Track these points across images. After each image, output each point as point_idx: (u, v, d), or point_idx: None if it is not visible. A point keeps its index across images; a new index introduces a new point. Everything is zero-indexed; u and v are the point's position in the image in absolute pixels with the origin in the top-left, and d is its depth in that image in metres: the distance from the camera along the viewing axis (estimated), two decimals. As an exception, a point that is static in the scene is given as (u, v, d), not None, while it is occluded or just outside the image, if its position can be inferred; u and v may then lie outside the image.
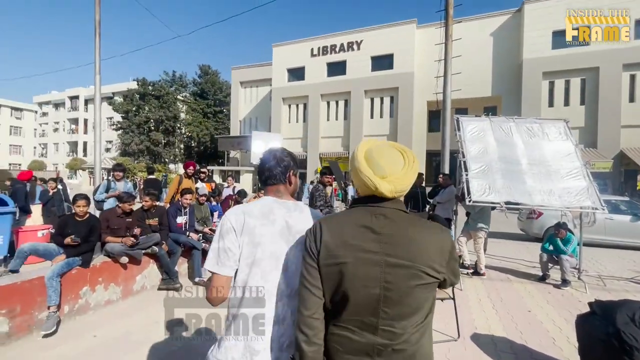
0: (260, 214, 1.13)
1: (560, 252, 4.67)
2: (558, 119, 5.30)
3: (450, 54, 8.08)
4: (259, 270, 1.09)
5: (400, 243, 0.93)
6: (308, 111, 23.56)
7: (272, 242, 1.11)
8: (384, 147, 1.03)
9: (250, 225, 1.10)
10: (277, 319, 1.11)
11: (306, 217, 1.18)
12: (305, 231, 1.05)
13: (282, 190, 1.22)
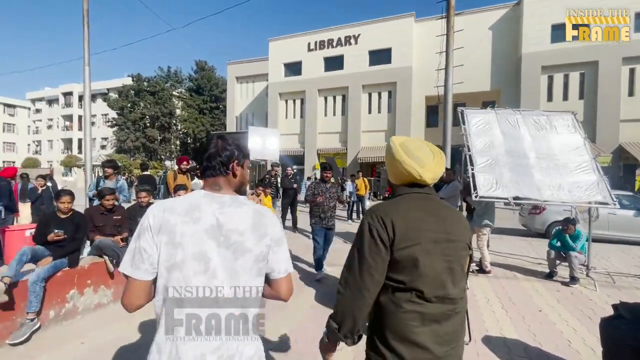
0: (184, 210, 0.99)
1: (569, 249, 4.52)
2: (566, 112, 5.13)
3: (451, 45, 7.89)
4: (180, 275, 0.94)
5: (451, 222, 1.12)
6: (305, 107, 23.27)
7: (196, 242, 0.96)
8: (416, 142, 1.20)
9: (170, 223, 0.96)
10: (208, 330, 0.97)
11: (244, 214, 1.03)
12: (364, 222, 1.09)
13: (221, 183, 1.09)
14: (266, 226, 1.05)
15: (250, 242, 1.01)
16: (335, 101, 22.93)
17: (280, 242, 1.08)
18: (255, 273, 1.02)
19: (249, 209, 1.06)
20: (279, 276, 1.09)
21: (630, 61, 17.05)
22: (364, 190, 11.25)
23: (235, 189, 1.13)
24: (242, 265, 0.99)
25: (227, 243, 0.98)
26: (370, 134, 21.56)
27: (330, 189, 4.69)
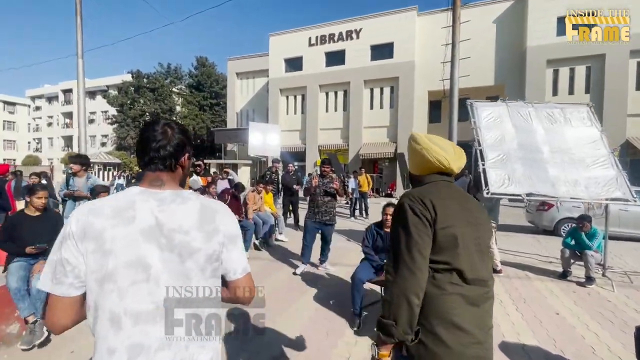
0: (113, 211, 0.84)
1: (585, 248, 4.31)
2: (581, 104, 4.90)
3: (458, 37, 7.64)
4: (115, 287, 0.80)
5: (475, 207, 1.20)
6: (306, 102, 23.01)
7: (130, 246, 0.82)
8: (436, 135, 1.29)
9: (97, 227, 0.81)
10: (160, 345, 0.82)
11: (189, 210, 0.90)
12: (403, 205, 1.12)
13: (164, 178, 0.94)
14: (216, 222, 0.92)
15: (198, 241, 0.88)
16: (337, 97, 22.65)
17: (235, 239, 0.96)
18: (209, 275, 0.90)
19: (195, 204, 0.91)
20: (235, 277, 0.97)
21: (638, 54, 16.71)
22: (367, 186, 11.05)
23: (180, 184, 0.98)
24: (191, 267, 0.86)
25: (170, 245, 0.84)
26: (372, 129, 21.30)
27: (328, 184, 4.51)
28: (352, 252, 5.84)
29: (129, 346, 0.79)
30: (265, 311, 3.01)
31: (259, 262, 5.10)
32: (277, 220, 6.57)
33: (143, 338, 0.81)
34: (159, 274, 0.83)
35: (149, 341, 0.81)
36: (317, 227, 4.58)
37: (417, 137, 1.26)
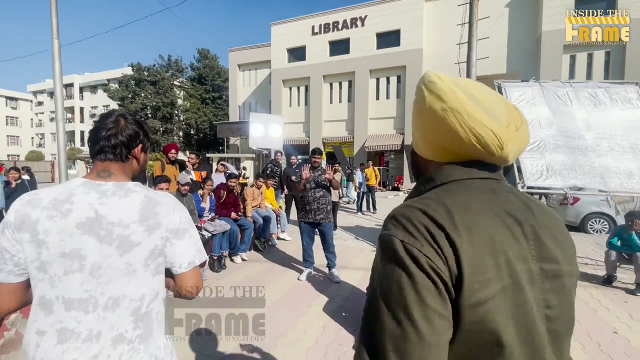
0: (51, 203, 0.83)
1: (636, 249, 3.71)
2: (629, 82, 4.24)
3: (476, 15, 6.93)
4: (47, 276, 0.81)
5: (549, 231, 0.57)
6: (310, 93, 22.33)
7: (65, 239, 0.81)
8: (482, 85, 0.63)
9: (33, 218, 0.82)
10: (89, 335, 0.82)
11: (131, 203, 0.86)
12: (391, 241, 0.52)
13: (114, 169, 0.91)
14: (159, 216, 0.89)
15: (138, 235, 0.86)
16: (341, 87, 21.94)
17: (179, 233, 0.92)
18: (152, 271, 0.88)
19: (138, 197, 0.89)
20: (180, 271, 0.93)
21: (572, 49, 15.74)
22: (374, 180, 10.47)
23: (133, 177, 0.97)
24: (130, 262, 0.85)
25: (109, 238, 0.84)
26: (378, 121, 20.60)
27: (319, 177, 3.94)
28: (363, 252, 5.30)
29: (59, 329, 0.81)
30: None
31: (260, 266, 4.57)
32: (279, 217, 6.02)
33: (74, 324, 0.82)
34: (94, 265, 0.83)
35: (79, 328, 0.82)
36: (312, 227, 4.03)
37: (437, 84, 0.59)
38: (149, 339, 0.88)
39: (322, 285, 3.85)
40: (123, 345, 0.84)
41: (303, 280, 3.95)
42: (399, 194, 16.12)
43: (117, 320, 0.84)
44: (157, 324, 0.91)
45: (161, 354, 0.91)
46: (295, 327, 2.86)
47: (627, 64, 16.01)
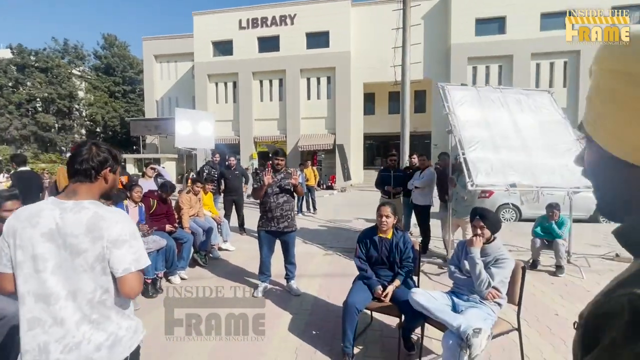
0: (26, 217, 1.11)
1: (556, 237, 4.25)
2: (542, 90, 4.86)
3: (409, 21, 7.30)
4: (22, 273, 1.09)
5: None
6: (239, 90, 21.25)
7: (34, 244, 1.09)
8: None
9: (14, 228, 1.10)
10: (54, 321, 1.07)
11: (81, 218, 1.11)
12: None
13: (81, 190, 1.17)
14: (101, 229, 1.11)
15: (85, 244, 1.10)
16: (272, 85, 21.41)
17: (117, 243, 1.13)
18: (99, 271, 1.12)
19: (88, 213, 1.12)
20: (118, 274, 1.13)
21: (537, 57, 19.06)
22: (314, 180, 10.39)
23: (103, 194, 1.23)
24: (80, 264, 1.10)
25: (64, 245, 1.09)
26: (310, 120, 20.67)
27: (284, 180, 3.63)
28: (316, 257, 5.08)
29: (29, 319, 1.07)
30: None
31: (204, 284, 3.97)
32: (220, 225, 5.41)
33: (41, 314, 1.06)
34: (55, 266, 1.08)
35: (45, 317, 1.06)
36: (273, 237, 3.67)
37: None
38: (107, 322, 1.15)
39: (281, 300, 3.50)
40: (84, 326, 1.10)
41: (259, 297, 3.54)
42: (334, 193, 16.42)
43: (76, 308, 1.09)
44: (114, 311, 1.17)
45: (122, 332, 1.18)
46: (264, 358, 2.48)
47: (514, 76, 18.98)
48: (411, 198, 5.22)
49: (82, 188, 1.17)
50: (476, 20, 19.20)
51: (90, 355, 1.10)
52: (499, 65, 19.67)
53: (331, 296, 3.51)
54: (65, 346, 1.07)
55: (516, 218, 8.57)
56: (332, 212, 9.96)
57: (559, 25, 18.37)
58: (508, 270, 2.19)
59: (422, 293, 2.25)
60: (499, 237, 2.38)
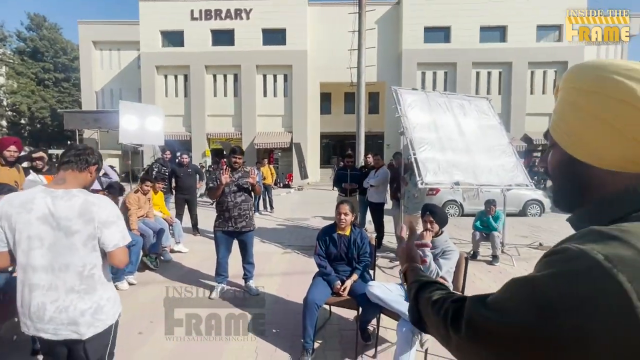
0: (19, 203, 1.33)
1: (493, 230, 4.73)
2: (482, 97, 5.36)
3: (364, 25, 7.56)
4: (20, 250, 1.33)
5: None
6: (190, 84, 20.22)
7: (29, 226, 1.31)
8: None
9: (8, 213, 1.32)
10: (49, 286, 1.34)
11: (73, 205, 1.34)
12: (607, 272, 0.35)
13: (68, 177, 1.41)
14: (92, 213, 1.36)
15: (78, 225, 1.34)
16: (227, 80, 20.72)
17: (107, 224, 1.39)
18: (90, 248, 1.38)
19: (79, 200, 1.36)
20: (109, 249, 1.41)
21: (478, 66, 20.85)
22: (271, 178, 10.32)
23: (84, 186, 1.45)
24: (74, 242, 1.34)
25: (59, 227, 1.33)
26: (266, 118, 20.39)
27: (242, 179, 3.59)
28: (275, 255, 5.07)
29: (29, 284, 1.34)
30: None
31: (156, 289, 3.76)
32: (172, 226, 5.15)
33: (39, 281, 1.33)
34: (50, 244, 1.33)
35: (42, 283, 1.33)
36: (230, 237, 3.60)
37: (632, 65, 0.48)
38: (93, 292, 1.40)
39: (239, 300, 3.45)
40: (73, 295, 1.36)
41: (216, 299, 3.45)
42: (291, 191, 16.41)
43: (67, 279, 1.35)
44: (100, 284, 1.42)
45: (103, 302, 1.43)
46: (222, 358, 2.43)
47: (458, 81, 20.50)
48: (366, 196, 5.43)
49: (71, 176, 1.40)
50: (425, 28, 20.41)
51: (76, 319, 1.35)
52: (445, 71, 21.13)
53: (291, 294, 3.54)
54: (57, 307, 1.34)
55: (459, 213, 9.33)
56: (290, 210, 9.97)
57: (496, 38, 20.39)
58: (454, 261, 2.41)
59: (378, 286, 2.39)
60: (446, 231, 2.61)
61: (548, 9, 19.32)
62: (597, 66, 0.51)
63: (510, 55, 19.70)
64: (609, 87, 0.48)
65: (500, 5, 19.60)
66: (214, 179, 3.61)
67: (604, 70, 0.49)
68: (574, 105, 0.51)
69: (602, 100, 0.48)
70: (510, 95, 20.05)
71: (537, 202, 9.13)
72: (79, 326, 1.35)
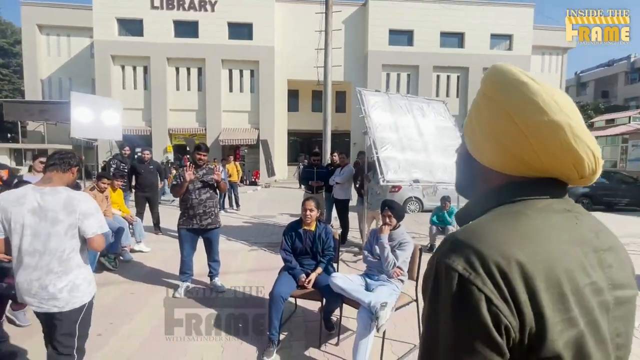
0: (14, 199, 1.66)
1: (447, 224, 5.10)
2: (439, 100, 5.72)
3: (331, 25, 7.70)
4: (16, 236, 1.65)
5: (614, 255, 0.53)
6: (151, 76, 19.22)
7: (22, 217, 1.64)
8: (556, 91, 0.53)
9: (4, 207, 1.65)
10: (35, 267, 1.66)
11: (58, 200, 1.68)
12: (449, 278, 0.45)
13: (55, 177, 1.74)
14: (74, 206, 1.69)
15: (62, 216, 1.67)
16: (190, 74, 19.97)
17: (87, 215, 1.72)
18: (69, 236, 1.69)
19: (63, 195, 1.69)
20: (88, 236, 1.74)
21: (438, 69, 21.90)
22: (237, 176, 10.19)
23: (67, 184, 1.78)
24: (58, 230, 1.67)
25: (45, 218, 1.65)
26: (232, 114, 19.95)
27: (206, 176, 3.59)
28: (240, 253, 5.08)
29: (21, 265, 1.66)
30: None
31: (115, 290, 3.64)
32: (132, 225, 4.96)
33: (28, 262, 1.65)
34: (36, 232, 1.64)
35: (32, 263, 1.65)
36: (195, 235, 3.58)
37: (533, 88, 0.51)
38: (70, 273, 1.71)
39: (205, 298, 3.45)
40: (51, 275, 1.67)
41: (181, 297, 3.42)
42: (257, 189, 16.26)
43: (49, 261, 1.66)
44: (76, 266, 1.74)
45: (79, 281, 1.74)
46: (187, 357, 2.45)
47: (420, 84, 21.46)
48: (332, 193, 5.59)
49: (56, 177, 1.73)
50: (389, 30, 21.06)
51: (56, 295, 1.67)
52: (408, 74, 21.97)
53: (257, 290, 3.59)
54: (40, 284, 1.66)
55: (420, 209, 9.84)
56: (256, 208, 9.92)
57: (454, 44, 21.57)
58: (409, 252, 2.62)
59: (340, 277, 2.54)
60: (403, 225, 2.82)
61: (500, 19, 20.82)
62: (502, 71, 0.54)
63: (467, 60, 20.94)
64: (500, 96, 0.52)
65: (458, 13, 20.73)
66: (177, 176, 3.57)
67: (504, 78, 0.53)
68: (477, 106, 0.57)
69: (494, 107, 0.53)
70: (467, 98, 21.32)
71: (488, 198, 9.86)
72: (58, 301, 1.67)
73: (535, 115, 0.49)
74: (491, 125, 0.53)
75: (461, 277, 0.44)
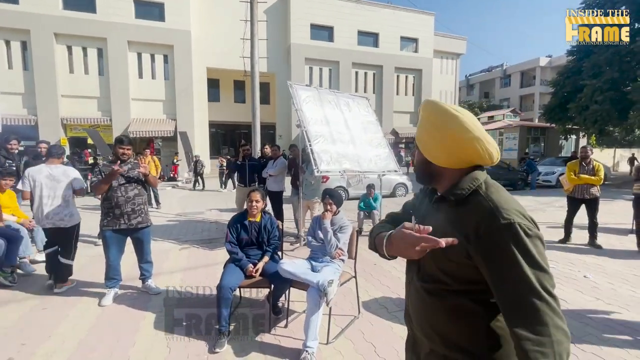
0: (36, 170, 3.37)
1: (372, 209, 5.65)
2: (361, 97, 6.21)
3: (256, 15, 7.59)
4: (38, 189, 3.30)
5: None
6: (32, 55, 15.96)
7: (40, 179, 3.32)
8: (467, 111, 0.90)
9: (32, 174, 3.34)
10: (51, 204, 3.33)
11: (60, 170, 3.43)
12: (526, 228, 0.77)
13: (55, 161, 3.47)
14: (69, 173, 3.47)
15: (62, 178, 3.40)
16: (87, 55, 17.22)
17: (75, 180, 3.49)
18: (68, 188, 3.41)
19: (62, 168, 3.47)
20: (77, 188, 3.50)
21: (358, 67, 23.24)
22: (155, 171, 9.34)
23: (61, 164, 3.57)
24: (61, 186, 3.37)
25: (54, 179, 3.37)
26: (144, 103, 17.97)
27: (132, 171, 3.35)
28: (171, 252, 4.79)
29: (43, 204, 3.34)
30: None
31: (22, 307, 3.11)
32: (32, 232, 4.22)
33: (46, 201, 3.34)
34: (50, 187, 3.36)
35: (50, 204, 3.34)
36: (122, 236, 3.30)
37: (460, 118, 0.84)
38: (68, 206, 3.43)
39: (139, 301, 3.21)
40: (59, 208, 3.37)
41: (109, 305, 3.12)
42: (177, 185, 15.11)
43: (57, 202, 3.37)
44: (72, 204, 3.49)
45: (74, 211, 3.51)
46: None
47: (341, 78, 22.48)
48: (266, 185, 5.64)
49: (56, 161, 3.50)
50: (311, 25, 21.43)
51: (62, 217, 3.37)
52: (329, 69, 22.76)
53: (196, 287, 3.50)
54: (52, 211, 3.34)
55: (345, 197, 10.50)
56: (180, 205, 9.31)
57: (370, 43, 23.10)
58: (348, 234, 2.91)
59: (289, 262, 2.69)
60: (342, 211, 3.09)
61: (408, 23, 23.08)
62: (443, 111, 0.87)
63: (381, 59, 22.70)
64: (447, 126, 0.85)
65: (373, 14, 22.25)
66: (97, 172, 3.21)
67: (446, 115, 0.86)
68: (428, 130, 0.90)
69: (443, 131, 0.86)
70: (382, 94, 23.17)
71: (403, 185, 11.08)
72: (63, 221, 3.37)
73: (467, 133, 0.83)
74: (444, 141, 0.86)
75: (529, 228, 0.76)
